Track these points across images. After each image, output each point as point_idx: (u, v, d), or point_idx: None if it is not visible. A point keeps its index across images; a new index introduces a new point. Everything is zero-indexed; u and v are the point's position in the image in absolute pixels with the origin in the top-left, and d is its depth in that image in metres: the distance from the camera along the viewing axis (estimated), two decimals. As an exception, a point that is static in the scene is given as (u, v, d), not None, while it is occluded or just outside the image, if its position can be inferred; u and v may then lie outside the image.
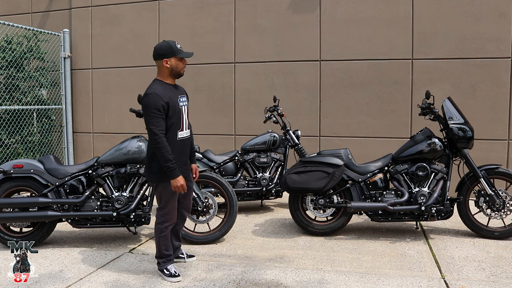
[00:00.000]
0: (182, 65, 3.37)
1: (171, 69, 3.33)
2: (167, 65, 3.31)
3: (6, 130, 6.53)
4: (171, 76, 3.37)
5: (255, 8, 6.61)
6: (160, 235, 3.43)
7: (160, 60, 3.31)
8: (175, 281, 3.39)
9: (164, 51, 3.29)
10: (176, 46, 3.31)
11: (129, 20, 7.19)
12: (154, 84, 3.32)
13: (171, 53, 3.29)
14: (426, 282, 3.33)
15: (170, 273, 3.43)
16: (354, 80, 6.25)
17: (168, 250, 3.49)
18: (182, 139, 3.37)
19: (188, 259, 3.79)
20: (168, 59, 3.30)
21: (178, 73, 3.38)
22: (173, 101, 3.28)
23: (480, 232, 4.32)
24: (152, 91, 3.22)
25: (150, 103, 3.18)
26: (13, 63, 6.69)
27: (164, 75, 3.35)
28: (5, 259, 3.87)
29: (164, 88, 3.29)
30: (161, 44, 3.34)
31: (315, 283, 3.32)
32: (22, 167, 4.13)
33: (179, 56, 3.31)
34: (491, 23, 5.73)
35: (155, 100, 3.17)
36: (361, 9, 6.18)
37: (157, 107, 3.17)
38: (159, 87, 3.27)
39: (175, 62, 3.32)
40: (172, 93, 3.32)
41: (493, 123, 5.78)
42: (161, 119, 3.19)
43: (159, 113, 3.18)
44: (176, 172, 3.21)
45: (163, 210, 3.40)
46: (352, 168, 4.47)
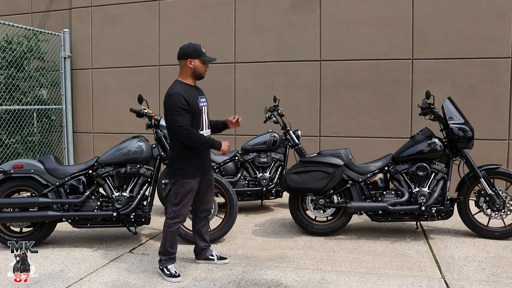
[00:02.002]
0: (204, 68, 3.49)
1: (194, 70, 3.44)
2: (190, 66, 3.42)
3: (6, 130, 6.53)
4: (192, 76, 3.48)
5: (255, 8, 6.61)
6: (168, 230, 3.47)
7: (185, 60, 3.42)
8: (175, 281, 3.38)
9: (190, 52, 3.41)
10: (201, 49, 3.44)
11: (129, 20, 7.19)
12: (176, 85, 3.41)
13: (196, 55, 3.41)
14: (426, 282, 3.33)
15: (170, 273, 3.43)
16: (354, 80, 6.25)
17: (172, 247, 3.51)
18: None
19: (219, 261, 3.71)
20: (193, 60, 3.41)
21: (200, 75, 3.50)
22: (194, 101, 3.38)
23: (480, 232, 4.32)
24: (174, 91, 3.32)
25: (173, 102, 3.28)
26: (13, 63, 6.69)
27: (186, 75, 3.46)
28: (5, 259, 3.87)
29: (186, 88, 3.39)
30: (187, 45, 3.47)
31: (315, 283, 3.32)
32: (22, 167, 4.13)
33: (203, 59, 3.43)
34: (491, 23, 5.73)
35: (178, 99, 3.28)
36: (361, 9, 6.18)
37: (180, 105, 3.28)
38: (180, 87, 3.37)
39: (198, 64, 3.44)
40: (193, 94, 3.42)
41: (493, 123, 5.78)
42: (186, 116, 3.31)
43: (183, 110, 3.29)
44: (218, 142, 3.38)
45: (176, 207, 3.45)
46: (352, 168, 4.47)
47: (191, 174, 3.41)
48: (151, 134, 4.39)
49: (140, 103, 4.21)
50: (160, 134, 4.24)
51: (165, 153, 4.22)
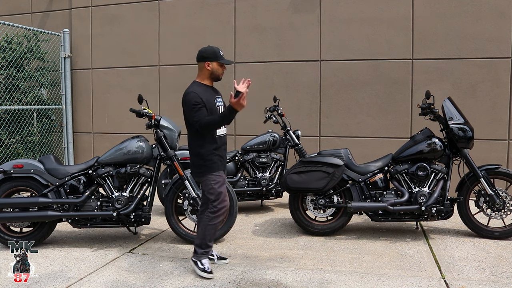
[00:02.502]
0: (222, 70, 3.59)
1: (211, 72, 3.55)
2: (208, 68, 3.53)
3: (6, 130, 6.53)
4: (210, 78, 3.58)
5: (255, 8, 6.61)
6: (209, 223, 3.51)
7: (203, 62, 3.53)
8: (207, 277, 3.42)
9: (208, 55, 3.52)
10: (219, 53, 3.55)
11: (129, 20, 7.19)
12: (193, 85, 3.54)
13: (214, 57, 3.52)
14: (426, 282, 3.33)
15: (204, 268, 3.47)
16: (354, 80, 6.25)
17: (211, 241, 3.56)
18: (220, 136, 3.56)
19: (219, 261, 3.73)
20: (211, 62, 3.52)
21: (217, 77, 3.60)
22: (210, 101, 3.49)
23: (480, 232, 4.32)
24: (190, 91, 3.45)
25: (190, 100, 3.42)
26: (13, 63, 6.69)
27: (204, 76, 3.57)
28: (5, 259, 3.87)
29: (202, 89, 3.50)
30: (206, 48, 3.57)
31: (315, 283, 3.32)
32: (22, 167, 4.13)
33: (220, 62, 3.53)
34: (491, 23, 5.73)
35: (194, 97, 3.41)
36: (361, 9, 6.18)
37: (196, 101, 3.40)
38: (197, 88, 3.49)
39: (216, 66, 3.54)
40: (210, 94, 3.54)
41: (493, 123, 5.78)
42: (203, 110, 3.40)
43: (199, 105, 3.40)
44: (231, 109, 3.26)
45: (217, 201, 3.51)
46: (352, 168, 4.47)
47: (215, 168, 3.49)
48: (151, 134, 4.39)
49: (140, 103, 4.20)
50: (160, 134, 4.24)
51: (165, 153, 4.22)
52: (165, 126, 4.28)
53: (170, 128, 4.30)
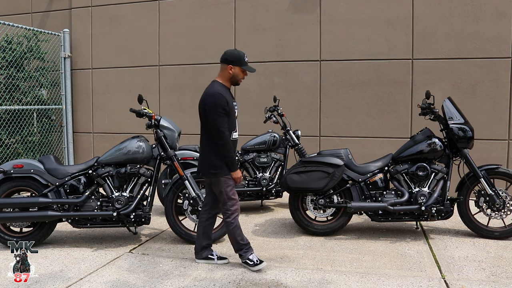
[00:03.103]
0: (242, 76, 3.62)
1: (233, 76, 3.57)
2: (230, 72, 3.55)
3: (6, 130, 6.53)
4: (230, 81, 3.61)
5: (255, 8, 6.61)
6: (232, 228, 3.59)
7: (226, 65, 3.56)
8: (261, 268, 3.55)
9: (233, 58, 3.55)
10: (244, 59, 3.57)
11: (129, 20, 7.19)
12: (216, 85, 3.54)
13: (238, 63, 3.54)
14: (426, 282, 3.33)
15: (254, 263, 3.57)
16: (354, 80, 6.25)
17: (243, 239, 3.63)
18: (234, 139, 3.59)
19: (219, 261, 3.75)
20: (234, 67, 3.54)
21: (236, 82, 3.62)
22: (230, 103, 3.52)
23: (480, 232, 4.32)
24: (217, 91, 3.45)
25: (217, 102, 3.42)
26: (13, 63, 6.69)
27: (225, 78, 3.59)
28: (5, 259, 3.87)
29: (224, 90, 3.53)
30: (232, 51, 3.60)
31: (315, 283, 3.32)
32: (22, 167, 4.13)
33: (243, 68, 3.56)
34: (491, 23, 5.73)
35: (221, 100, 3.43)
36: (361, 9, 6.18)
37: (223, 106, 3.43)
38: (221, 88, 3.51)
39: (238, 71, 3.57)
40: (229, 96, 3.57)
41: (493, 123, 5.78)
42: (226, 117, 3.45)
43: (224, 112, 3.44)
44: (237, 165, 3.53)
45: (227, 204, 3.56)
46: (352, 168, 4.47)
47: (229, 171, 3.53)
48: (151, 134, 4.39)
49: (140, 103, 4.20)
50: (160, 134, 4.24)
51: (165, 153, 4.22)
52: (165, 126, 4.28)
53: (170, 128, 4.30)
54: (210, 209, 3.77)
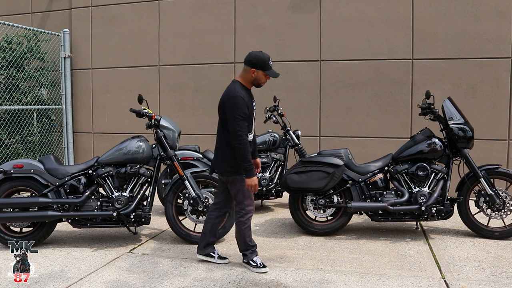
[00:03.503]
0: (265, 79, 3.55)
1: (255, 79, 3.52)
2: (253, 75, 3.50)
3: (6, 130, 6.53)
4: (251, 83, 3.55)
5: (255, 8, 6.61)
6: (243, 227, 3.59)
7: (249, 67, 3.48)
8: (263, 272, 3.51)
9: (257, 62, 3.45)
10: (268, 63, 3.47)
11: (129, 20, 7.19)
12: (237, 86, 3.48)
13: (262, 67, 3.46)
14: (426, 282, 3.33)
15: (257, 265, 3.56)
16: (354, 80, 6.25)
17: (252, 241, 3.63)
18: (250, 141, 3.58)
19: (219, 260, 3.74)
20: (257, 70, 3.47)
21: (258, 85, 3.57)
22: (250, 106, 3.50)
23: (480, 232, 4.32)
24: (239, 95, 3.40)
25: (238, 106, 3.38)
26: (13, 63, 6.69)
27: (246, 80, 3.54)
28: (5, 259, 3.87)
29: (245, 92, 3.50)
30: (257, 54, 3.48)
31: (315, 283, 3.32)
32: (22, 167, 4.13)
33: (267, 73, 3.49)
34: (491, 23, 5.73)
35: (242, 104, 3.39)
36: (361, 9, 6.18)
37: (244, 110, 3.40)
38: (242, 91, 3.46)
39: (261, 75, 3.50)
40: (249, 99, 3.53)
41: (493, 123, 5.78)
42: (245, 121, 3.43)
43: (244, 116, 3.41)
44: (253, 172, 3.45)
45: (243, 204, 3.56)
46: (352, 168, 4.47)
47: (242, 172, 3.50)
48: (151, 134, 4.39)
49: (140, 103, 4.21)
50: (160, 134, 4.24)
51: (165, 153, 4.23)
52: (165, 126, 4.28)
53: (170, 128, 4.30)
54: (221, 207, 3.76)
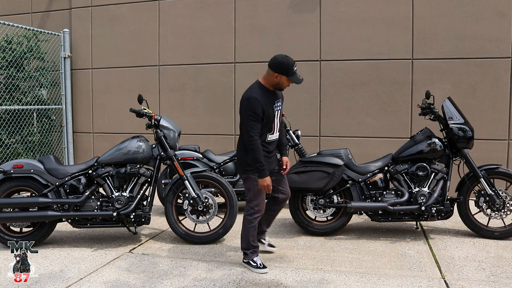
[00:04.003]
0: (288, 84, 3.54)
1: (277, 83, 3.51)
2: (275, 79, 3.48)
3: (6, 130, 6.53)
4: (273, 86, 3.55)
5: (255, 8, 6.61)
6: (249, 226, 3.61)
7: (273, 71, 3.47)
8: (262, 273, 3.52)
9: (281, 68, 3.44)
10: (292, 69, 3.45)
11: (129, 20, 7.19)
12: (254, 87, 3.51)
13: (286, 73, 3.45)
14: (426, 282, 3.33)
15: (257, 265, 3.57)
16: (354, 80, 6.25)
17: (255, 241, 3.66)
18: (271, 141, 3.60)
19: (268, 248, 3.93)
20: (280, 75, 3.46)
21: (280, 88, 3.57)
22: (268, 107, 3.47)
23: (480, 232, 4.32)
24: (253, 95, 3.41)
25: (250, 107, 3.39)
26: (13, 63, 6.68)
27: (269, 83, 3.53)
28: (5, 259, 3.87)
29: (264, 93, 3.48)
30: (282, 59, 3.46)
31: (315, 283, 3.32)
32: (22, 167, 4.13)
33: (290, 79, 3.48)
34: (491, 23, 5.73)
35: (255, 105, 3.38)
36: (361, 9, 6.18)
37: (256, 111, 3.39)
38: (259, 91, 3.46)
39: (284, 80, 3.49)
40: (269, 99, 3.51)
41: (493, 123, 5.78)
42: (258, 122, 3.41)
43: (257, 117, 3.40)
44: (265, 173, 3.45)
45: (253, 202, 3.59)
46: (352, 168, 4.47)
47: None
48: (151, 134, 4.39)
49: (140, 103, 4.21)
50: (160, 134, 4.24)
51: (165, 153, 4.23)
52: (165, 126, 4.29)
53: (170, 128, 4.31)
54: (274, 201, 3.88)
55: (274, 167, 3.73)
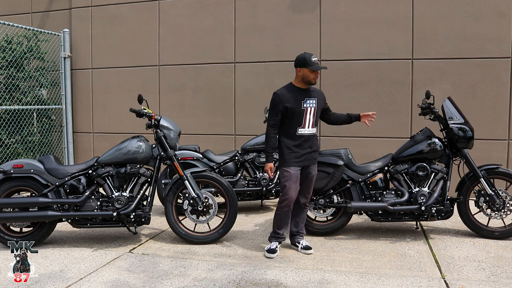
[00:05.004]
0: (313, 75, 3.81)
1: (302, 77, 3.83)
2: (299, 73, 3.83)
3: (6, 130, 6.53)
4: (302, 82, 3.86)
5: (255, 8, 6.61)
6: (276, 212, 3.98)
7: (296, 68, 3.85)
8: (269, 257, 3.87)
9: (299, 61, 3.82)
10: (310, 59, 3.77)
11: (129, 20, 7.19)
12: (284, 86, 3.91)
13: (304, 64, 3.78)
14: (426, 282, 3.33)
15: (270, 248, 3.92)
16: (354, 80, 6.25)
17: (279, 228, 3.99)
18: (303, 135, 3.85)
19: (302, 250, 3.99)
20: (301, 68, 3.80)
21: (308, 82, 3.85)
22: (293, 103, 3.79)
23: (480, 232, 4.32)
24: (276, 92, 3.86)
25: (272, 101, 3.86)
26: (13, 63, 6.69)
27: (297, 80, 3.88)
28: (5, 259, 3.87)
29: (290, 91, 3.84)
30: (300, 54, 3.86)
31: (315, 283, 3.32)
32: (22, 167, 4.13)
33: (310, 69, 3.76)
34: (491, 23, 5.73)
35: (275, 100, 3.83)
36: (361, 9, 6.18)
37: (277, 105, 3.81)
38: (285, 89, 3.86)
39: (306, 72, 3.80)
40: (296, 96, 3.82)
41: (493, 123, 5.78)
42: (275, 115, 3.83)
43: (275, 110, 3.82)
44: (270, 159, 3.88)
45: (281, 193, 3.91)
46: (352, 168, 4.47)
47: (288, 163, 3.84)
48: (151, 134, 4.39)
49: (140, 103, 4.21)
50: (160, 134, 4.24)
51: (165, 153, 4.23)
52: (165, 126, 4.29)
53: (170, 128, 4.31)
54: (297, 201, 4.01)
55: (308, 165, 3.93)
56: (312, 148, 3.91)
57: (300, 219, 4.08)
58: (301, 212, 4.07)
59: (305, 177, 3.95)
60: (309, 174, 3.96)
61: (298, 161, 3.84)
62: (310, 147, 3.89)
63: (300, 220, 4.09)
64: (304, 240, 4.07)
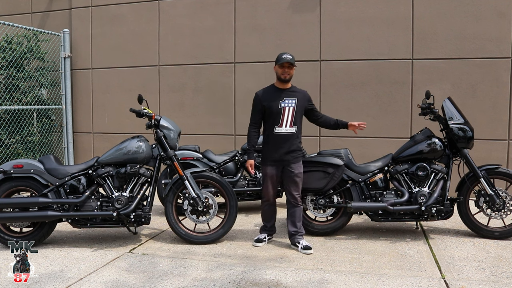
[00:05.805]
0: (281, 71, 3.97)
1: (276, 75, 4.02)
2: (275, 71, 4.04)
3: (6, 130, 6.53)
4: (279, 81, 4.05)
5: (255, 8, 6.61)
6: (261, 206, 4.30)
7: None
8: (256, 246, 4.13)
9: (275, 61, 4.00)
10: (280, 56, 3.96)
11: (129, 20, 7.19)
12: (267, 86, 4.12)
13: (276, 61, 3.99)
14: (426, 282, 3.33)
15: (257, 238, 4.22)
16: (354, 80, 6.25)
17: (264, 220, 4.28)
18: (280, 133, 3.99)
19: (302, 250, 3.99)
20: (275, 66, 4.01)
21: (279, 78, 4.02)
22: (271, 102, 3.97)
23: (480, 232, 4.32)
24: (257, 92, 4.08)
25: (253, 101, 4.09)
26: (13, 63, 6.69)
27: (276, 80, 4.08)
28: (5, 259, 3.87)
29: (269, 91, 4.06)
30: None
31: (315, 283, 3.32)
32: (22, 167, 4.13)
33: (278, 64, 3.96)
34: (491, 23, 5.73)
35: (255, 99, 4.07)
36: (361, 9, 6.18)
37: (255, 105, 4.06)
38: (264, 89, 4.09)
39: (276, 69, 4.01)
40: (274, 96, 4.00)
41: (493, 123, 5.78)
42: (255, 114, 4.07)
43: (255, 109, 4.06)
44: (250, 156, 4.11)
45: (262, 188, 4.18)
46: (352, 168, 4.47)
47: (266, 162, 4.07)
48: (151, 134, 4.39)
49: (140, 103, 4.21)
50: (160, 134, 4.24)
51: (165, 153, 4.23)
52: (165, 126, 4.28)
53: (170, 128, 4.31)
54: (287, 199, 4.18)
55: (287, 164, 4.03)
56: (290, 147, 4.01)
57: (295, 218, 4.11)
58: (294, 211, 4.11)
59: (287, 176, 4.05)
60: (291, 173, 4.03)
61: (273, 161, 4.02)
62: (288, 147, 4.00)
63: (296, 219, 4.11)
64: (304, 240, 4.07)
